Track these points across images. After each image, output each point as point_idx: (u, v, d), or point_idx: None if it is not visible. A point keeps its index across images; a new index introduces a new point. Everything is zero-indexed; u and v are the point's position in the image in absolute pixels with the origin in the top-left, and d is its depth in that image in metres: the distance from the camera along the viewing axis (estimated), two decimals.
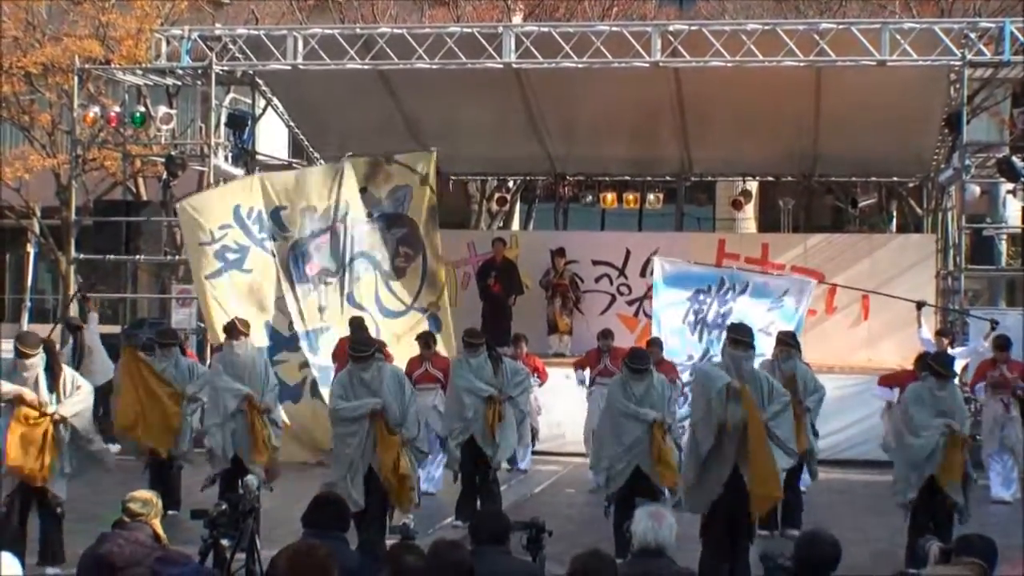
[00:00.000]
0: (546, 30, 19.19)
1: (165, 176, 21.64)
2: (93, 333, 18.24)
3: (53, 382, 11.38)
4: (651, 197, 25.43)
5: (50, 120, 27.73)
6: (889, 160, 22.41)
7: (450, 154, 23.77)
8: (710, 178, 26.74)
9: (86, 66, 22.12)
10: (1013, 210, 25.48)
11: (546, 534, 7.47)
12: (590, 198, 25.00)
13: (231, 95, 23.96)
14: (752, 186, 24.83)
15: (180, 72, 20.98)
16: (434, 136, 22.94)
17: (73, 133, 21.75)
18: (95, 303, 19.71)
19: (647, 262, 22.26)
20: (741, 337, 10.96)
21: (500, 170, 25.97)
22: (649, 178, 25.08)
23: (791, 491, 13.03)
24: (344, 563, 6.11)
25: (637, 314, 22.05)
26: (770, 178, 25.50)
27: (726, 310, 16.99)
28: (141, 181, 31.51)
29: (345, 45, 19.32)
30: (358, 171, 17.81)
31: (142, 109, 22.21)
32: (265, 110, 24.76)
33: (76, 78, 22.17)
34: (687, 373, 15.41)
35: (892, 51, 18.04)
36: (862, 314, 21.24)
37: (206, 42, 20.29)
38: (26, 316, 32.36)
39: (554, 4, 30.03)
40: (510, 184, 28.49)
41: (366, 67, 19.55)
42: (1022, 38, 18.53)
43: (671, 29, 18.81)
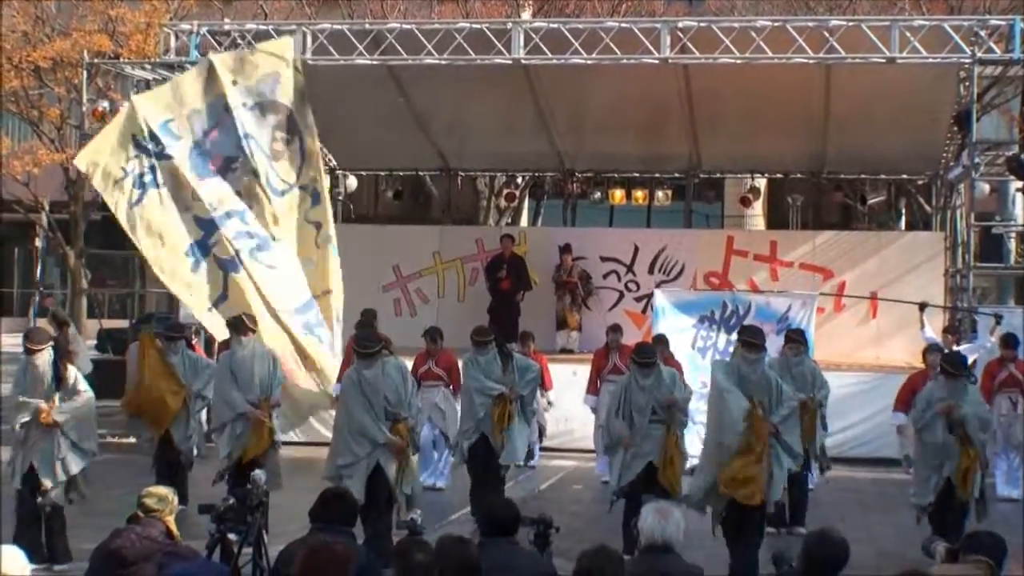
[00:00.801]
0: (555, 26, 19.14)
1: None
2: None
3: (58, 381, 11.43)
4: (660, 194, 25.41)
5: (59, 115, 27.78)
6: (898, 157, 22.36)
7: (459, 150, 23.87)
8: (719, 175, 26.70)
9: (95, 60, 22.10)
10: (1022, 208, 25.45)
11: (553, 530, 7.48)
12: (599, 194, 24.98)
13: None
14: (761, 183, 24.78)
15: (189, 67, 20.95)
16: (443, 132, 23.00)
17: (82, 127, 21.75)
18: (54, 299, 19.90)
19: (655, 259, 22.31)
20: (753, 339, 11.05)
21: (509, 166, 25.95)
22: (658, 175, 25.05)
23: (798, 489, 13.06)
24: (351, 558, 6.11)
25: (645, 311, 22.01)
26: (779, 175, 25.45)
27: (735, 338, 16.88)
28: None
29: (354, 40, 19.30)
30: (225, 66, 17.79)
31: None
32: None
33: (85, 73, 22.17)
34: (702, 401, 15.30)
35: (902, 48, 17.98)
36: (870, 312, 21.23)
37: (215, 37, 20.28)
38: (34, 310, 32.40)
39: (563, 0, 30.00)
40: (519, 180, 28.48)
41: (375, 62, 19.53)
42: None
43: (680, 26, 18.75)
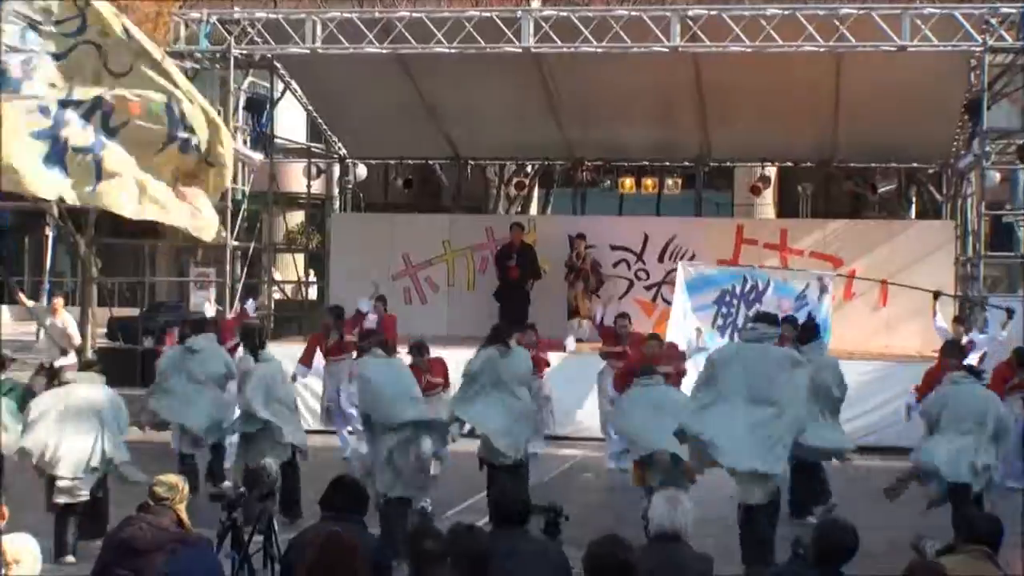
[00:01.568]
0: (565, 14, 19.14)
1: None
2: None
3: None
4: (670, 182, 25.38)
5: None
6: (909, 146, 22.32)
7: (469, 138, 23.86)
8: (729, 163, 26.70)
9: None
10: None
11: (564, 518, 7.50)
12: (608, 183, 25.03)
13: (249, 79, 23.97)
14: (771, 172, 24.72)
15: (199, 55, 20.98)
16: (452, 121, 22.99)
17: None
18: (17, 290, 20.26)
19: (665, 247, 22.29)
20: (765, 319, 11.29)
21: (518, 155, 25.96)
22: (668, 163, 25.04)
23: (815, 478, 13.13)
24: (363, 547, 6.13)
25: (655, 299, 22.06)
26: (789, 164, 25.41)
27: (754, 312, 16.88)
28: None
29: (364, 29, 19.31)
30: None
31: None
32: (284, 94, 24.78)
33: None
34: None
35: (912, 36, 17.96)
36: (880, 300, 21.21)
37: (225, 25, 20.31)
38: (45, 299, 32.47)
39: None
40: (528, 169, 28.47)
41: (385, 51, 19.54)
42: None
43: (690, 14, 18.74)
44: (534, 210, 31.98)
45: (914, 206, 29.53)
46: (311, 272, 29.06)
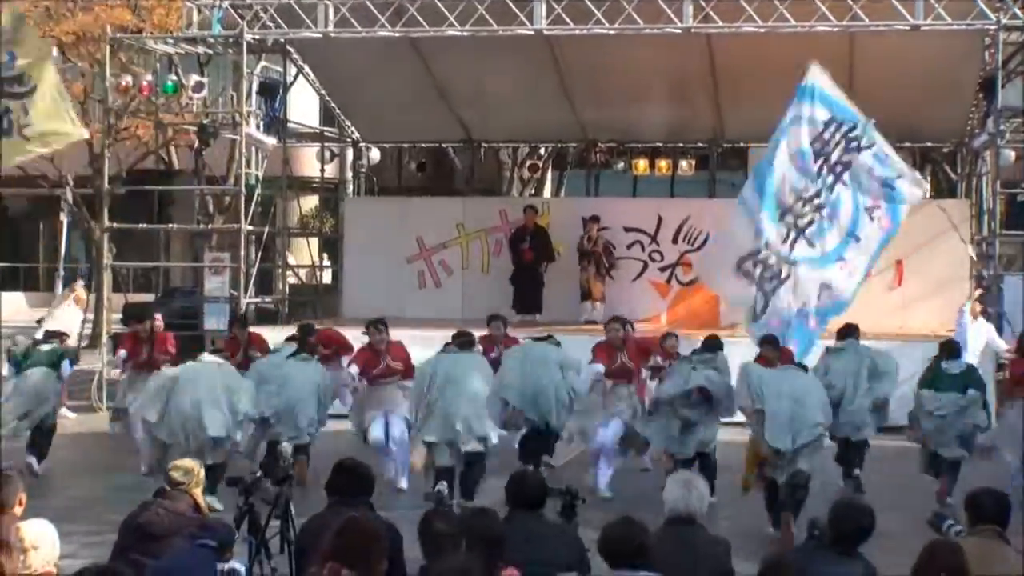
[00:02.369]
0: None
1: (197, 145, 21.65)
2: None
3: None
4: (683, 163, 25.36)
5: (82, 90, 27.79)
6: (923, 125, 22.24)
7: (481, 121, 23.84)
8: (742, 144, 26.59)
9: (118, 35, 22.10)
10: None
11: (580, 501, 7.51)
12: (622, 165, 25.01)
13: (262, 63, 23.95)
14: None
15: (211, 41, 20.98)
16: (465, 103, 22.96)
17: (106, 102, 21.78)
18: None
19: (679, 229, 22.25)
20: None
21: (531, 137, 25.92)
22: (681, 144, 24.98)
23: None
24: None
25: (669, 280, 22.04)
26: None
27: (848, 159, 15.28)
28: (173, 150, 31.60)
29: (376, 12, 19.28)
30: None
31: (174, 78, 22.27)
32: (296, 78, 24.78)
33: (108, 47, 22.23)
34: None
35: (926, 15, 17.88)
36: (896, 279, 21.15)
37: (237, 10, 20.30)
38: (60, 285, 32.53)
39: None
40: (542, 151, 28.44)
41: (397, 34, 19.51)
42: None
43: None
44: (548, 192, 31.98)
45: (929, 185, 29.43)
46: (325, 256, 29.07)
